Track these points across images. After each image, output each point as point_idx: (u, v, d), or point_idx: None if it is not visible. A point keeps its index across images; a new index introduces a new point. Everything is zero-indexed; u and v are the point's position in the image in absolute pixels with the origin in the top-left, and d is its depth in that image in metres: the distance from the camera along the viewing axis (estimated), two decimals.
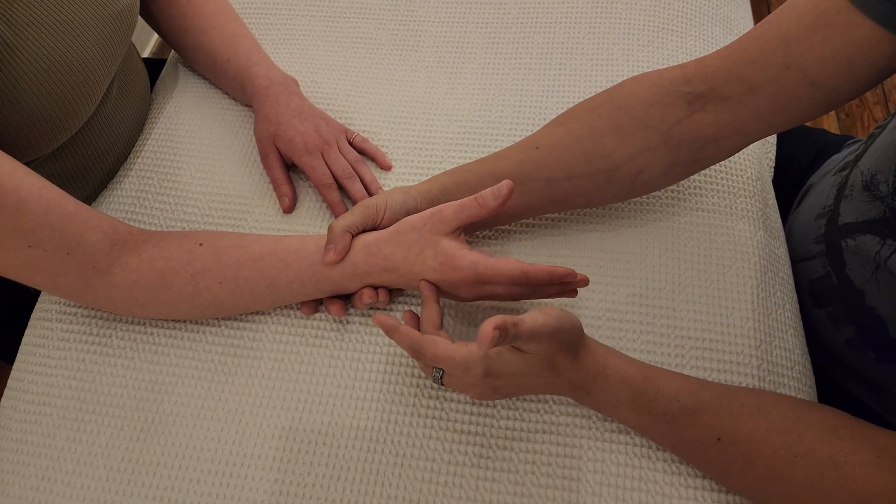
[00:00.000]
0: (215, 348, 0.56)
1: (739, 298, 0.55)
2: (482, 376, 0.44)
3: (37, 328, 0.58)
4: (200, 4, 0.70)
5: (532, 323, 0.40)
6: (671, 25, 0.73)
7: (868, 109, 1.56)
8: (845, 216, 0.55)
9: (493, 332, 0.37)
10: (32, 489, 0.51)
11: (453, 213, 0.49)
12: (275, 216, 0.62)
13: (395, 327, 0.46)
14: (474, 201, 0.49)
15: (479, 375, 0.44)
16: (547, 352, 0.43)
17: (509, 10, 0.76)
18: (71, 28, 0.52)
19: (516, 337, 0.40)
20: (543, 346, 0.42)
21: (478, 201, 0.49)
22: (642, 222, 0.60)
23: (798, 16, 0.45)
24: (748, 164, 0.64)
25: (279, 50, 0.74)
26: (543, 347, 0.42)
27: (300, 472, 0.50)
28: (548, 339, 0.42)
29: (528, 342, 0.41)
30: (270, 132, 0.63)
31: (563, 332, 0.43)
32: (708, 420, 0.44)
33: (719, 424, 0.44)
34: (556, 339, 0.42)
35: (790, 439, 0.42)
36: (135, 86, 0.69)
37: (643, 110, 0.51)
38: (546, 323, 0.41)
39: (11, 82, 0.48)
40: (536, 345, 0.42)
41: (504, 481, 0.49)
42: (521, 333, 0.40)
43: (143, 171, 0.66)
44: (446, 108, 0.69)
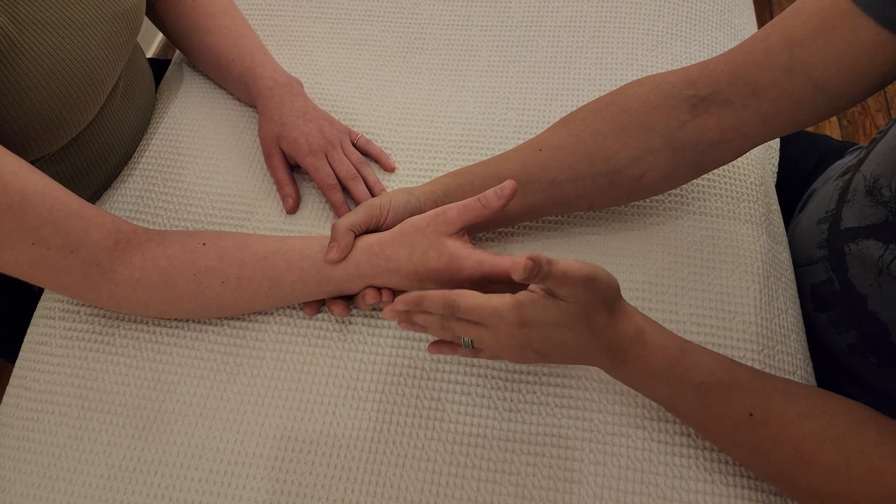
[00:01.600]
0: (218, 347, 0.56)
1: (742, 303, 0.55)
2: (516, 325, 0.43)
3: (39, 326, 0.59)
4: (206, 5, 0.70)
5: (566, 265, 0.39)
6: (675, 30, 0.73)
7: (870, 116, 1.56)
8: (847, 221, 0.55)
9: (526, 261, 0.37)
10: (34, 486, 0.51)
11: (457, 213, 0.49)
12: (278, 216, 0.63)
13: (422, 295, 0.45)
14: (477, 202, 0.49)
15: (513, 324, 0.43)
16: (582, 301, 0.41)
17: (513, 14, 0.76)
18: (77, 27, 0.53)
19: (549, 274, 0.38)
20: (578, 292, 0.41)
21: (481, 202, 0.49)
22: (645, 225, 0.60)
23: (802, 19, 0.45)
24: (751, 168, 0.64)
25: (284, 51, 0.74)
26: (578, 294, 0.41)
27: (301, 472, 0.50)
28: (582, 285, 0.40)
29: (561, 284, 0.40)
30: (274, 133, 0.63)
31: (598, 281, 0.41)
32: (741, 396, 0.44)
33: (751, 401, 0.44)
34: (590, 288, 0.41)
35: (820, 424, 0.42)
36: (140, 85, 0.69)
37: (646, 113, 0.51)
38: (581, 268, 0.40)
39: (17, 80, 0.48)
40: (571, 289, 0.40)
41: (505, 483, 0.49)
42: (555, 271, 0.38)
43: (148, 171, 0.66)
44: (450, 110, 0.69)
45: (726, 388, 0.45)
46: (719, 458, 0.50)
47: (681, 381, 0.45)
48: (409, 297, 0.45)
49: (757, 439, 0.44)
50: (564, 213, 0.60)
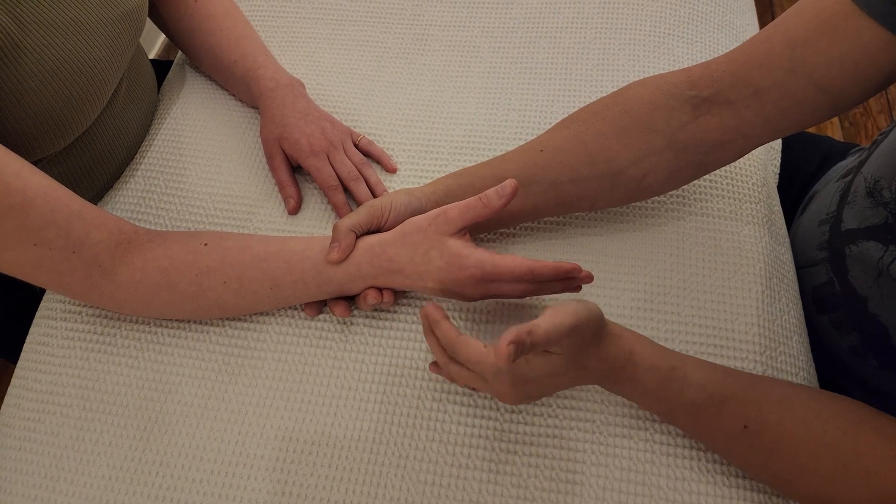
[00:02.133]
0: (219, 348, 0.56)
1: (744, 304, 0.55)
2: (511, 384, 0.43)
3: (41, 326, 0.59)
4: (208, 6, 0.70)
5: (547, 325, 0.39)
6: (677, 31, 0.73)
7: (872, 118, 1.56)
8: (848, 222, 0.55)
9: (508, 347, 0.37)
10: (35, 487, 0.51)
11: (458, 213, 0.49)
12: (280, 217, 0.63)
13: (439, 321, 0.45)
14: (479, 201, 0.49)
15: (508, 383, 0.43)
16: (571, 349, 0.42)
17: (515, 15, 0.76)
18: (80, 28, 0.53)
19: (534, 345, 0.39)
20: (566, 343, 0.41)
21: (482, 201, 0.49)
22: (647, 226, 0.60)
23: (804, 20, 0.45)
24: (753, 169, 0.64)
25: (286, 52, 0.74)
26: (566, 345, 0.42)
27: (303, 473, 0.50)
28: (568, 338, 0.41)
29: (547, 346, 0.40)
30: (276, 134, 0.63)
31: (581, 326, 0.41)
32: (734, 409, 0.44)
33: (745, 413, 0.44)
34: (576, 335, 0.41)
35: (814, 431, 0.43)
36: (142, 86, 0.69)
37: (648, 114, 0.51)
38: (562, 322, 0.40)
39: (20, 81, 0.48)
40: (559, 345, 0.41)
41: (507, 485, 0.49)
42: (538, 340, 0.39)
43: (149, 172, 0.67)
44: (452, 111, 0.70)
45: (719, 403, 0.45)
46: (721, 460, 0.49)
47: (674, 399, 0.46)
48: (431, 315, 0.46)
49: (753, 450, 0.44)
50: (566, 213, 0.60)
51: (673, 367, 0.45)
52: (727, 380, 0.46)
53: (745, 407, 0.44)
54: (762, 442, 0.44)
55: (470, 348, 0.43)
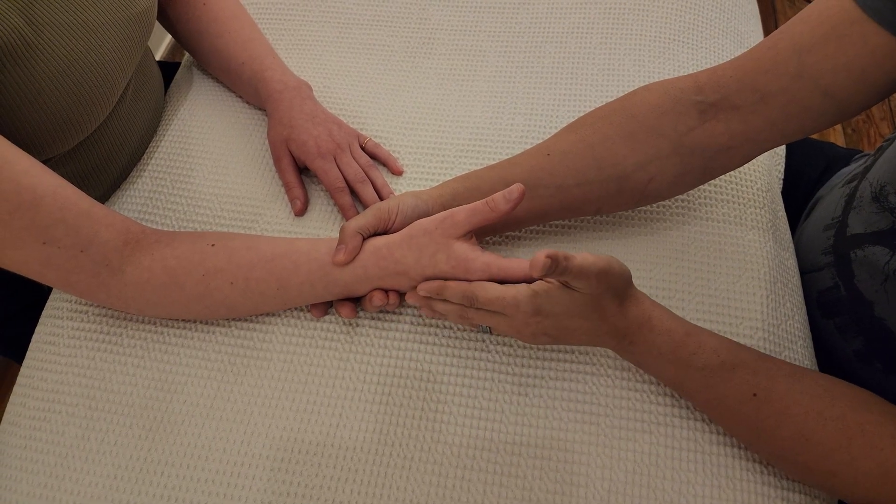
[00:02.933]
0: (225, 349, 0.56)
1: (749, 308, 0.56)
2: (531, 314, 0.45)
3: (47, 325, 0.59)
4: (216, 9, 0.70)
5: (582, 260, 0.41)
6: (682, 37, 0.73)
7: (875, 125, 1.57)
8: (854, 227, 0.55)
9: (545, 259, 0.39)
10: (40, 486, 0.51)
11: (465, 216, 0.49)
12: (286, 219, 0.63)
13: (444, 284, 0.48)
14: (486, 205, 0.49)
15: (529, 313, 0.45)
16: (595, 292, 0.44)
17: (521, 20, 0.77)
18: (91, 29, 0.53)
19: (566, 270, 0.40)
20: (592, 284, 0.43)
21: (489, 205, 0.49)
22: (652, 231, 0.60)
23: (812, 26, 0.45)
24: (758, 175, 0.64)
25: (293, 55, 0.75)
26: (592, 286, 0.43)
27: (308, 474, 0.50)
28: (596, 278, 0.42)
29: (577, 278, 0.42)
30: (284, 136, 0.63)
31: (611, 274, 0.43)
32: (745, 376, 0.46)
33: (756, 381, 0.45)
34: (604, 280, 0.43)
35: (822, 404, 0.44)
36: (149, 87, 0.69)
37: (655, 118, 0.51)
38: (595, 262, 0.42)
39: (31, 81, 0.49)
40: (585, 282, 0.43)
41: (511, 487, 0.49)
42: (572, 267, 0.41)
43: (157, 173, 0.67)
44: (458, 114, 0.70)
45: (730, 369, 0.46)
46: (726, 464, 0.49)
47: (686, 362, 0.47)
48: (431, 285, 0.49)
49: (760, 418, 0.45)
50: (572, 217, 0.60)
51: (688, 333, 0.47)
52: (740, 350, 0.47)
53: (756, 375, 0.46)
54: (770, 410, 0.45)
55: (488, 289, 0.46)
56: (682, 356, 0.47)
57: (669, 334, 0.47)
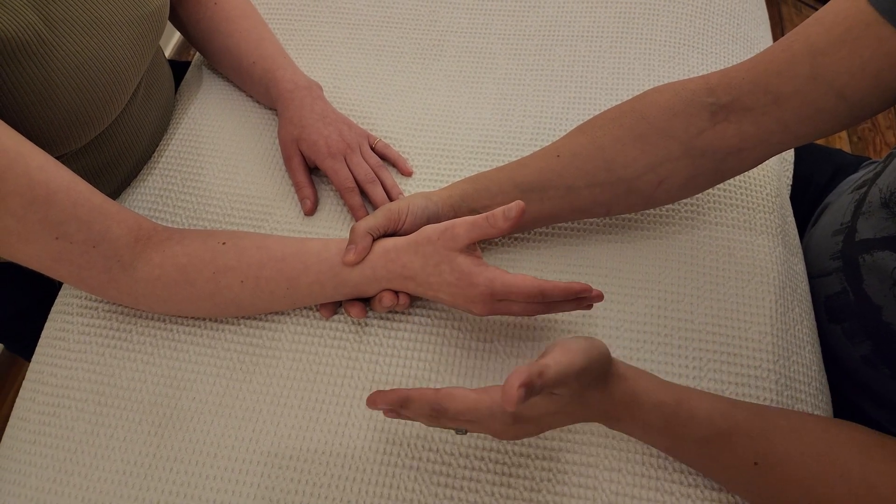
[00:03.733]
0: (234, 346, 0.56)
1: (758, 313, 0.56)
2: (511, 423, 0.42)
3: (57, 321, 0.59)
4: (227, 9, 0.71)
5: (557, 366, 0.37)
6: (692, 42, 0.74)
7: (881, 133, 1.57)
8: (863, 232, 0.56)
9: (518, 391, 0.35)
10: (49, 481, 0.51)
11: (465, 231, 0.49)
12: (296, 218, 0.63)
13: (406, 397, 0.43)
14: (485, 220, 0.48)
15: (508, 423, 0.42)
16: (576, 389, 0.41)
17: (531, 23, 0.77)
18: (105, 27, 0.53)
19: (543, 387, 0.37)
20: (572, 384, 0.39)
21: (489, 221, 0.48)
22: (662, 234, 0.60)
23: (826, 28, 0.45)
24: (767, 180, 0.64)
25: (303, 55, 0.75)
26: (573, 387, 0.40)
27: (316, 472, 0.51)
28: (576, 380, 0.39)
29: (556, 387, 0.38)
30: (294, 135, 0.63)
31: (591, 368, 0.40)
32: (743, 443, 0.44)
33: (754, 447, 0.43)
34: (584, 376, 0.40)
35: (826, 462, 0.42)
36: (160, 86, 0.70)
37: (666, 120, 0.51)
38: (572, 363, 0.38)
39: (46, 78, 0.49)
40: (565, 387, 0.39)
41: (520, 488, 0.49)
42: (548, 382, 0.37)
43: (167, 171, 0.67)
44: (467, 116, 0.70)
45: (727, 437, 0.44)
46: None
47: (680, 436, 0.45)
48: (392, 396, 0.43)
49: (765, 484, 0.44)
50: (581, 219, 0.60)
51: (678, 402, 0.44)
52: (734, 411, 0.45)
53: (754, 441, 0.43)
54: (773, 476, 0.43)
55: (458, 400, 0.42)
56: (674, 429, 0.44)
57: (659, 409, 0.44)
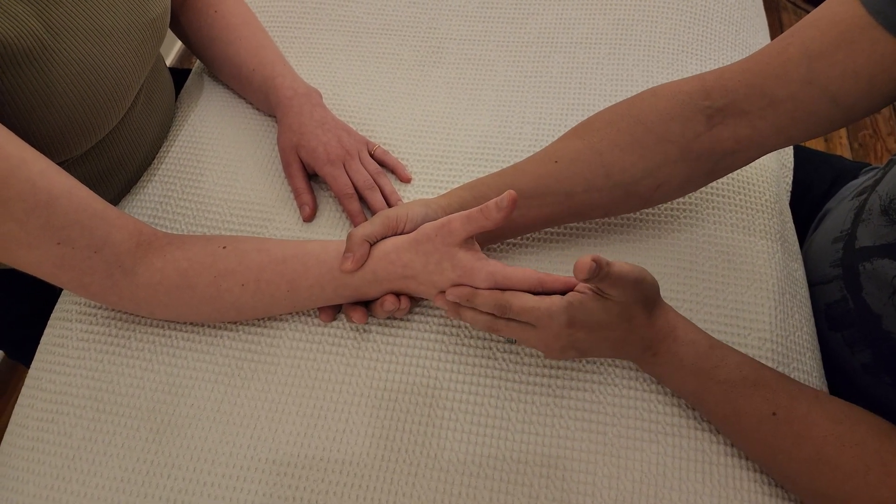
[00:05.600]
0: (233, 353, 0.56)
1: (758, 319, 0.55)
2: (565, 325, 0.45)
3: (56, 328, 0.59)
4: (228, 16, 0.71)
5: (620, 267, 0.43)
6: (690, 48, 0.74)
7: (882, 140, 1.57)
8: (862, 240, 0.55)
9: (590, 262, 0.40)
10: (47, 488, 0.51)
11: (461, 224, 0.49)
12: (295, 224, 0.63)
13: (475, 292, 0.48)
14: (480, 213, 0.49)
15: (563, 324, 0.45)
16: (628, 301, 0.45)
17: (530, 30, 0.77)
18: (106, 34, 0.54)
19: (608, 275, 0.42)
20: (627, 293, 0.44)
21: (483, 213, 0.49)
22: (661, 240, 0.60)
23: (821, 32, 0.45)
24: (766, 186, 0.64)
25: (302, 63, 0.75)
26: (626, 294, 0.44)
27: (314, 479, 0.50)
28: (632, 287, 0.44)
29: (614, 285, 0.43)
30: (293, 142, 0.64)
31: (645, 283, 0.45)
32: (766, 394, 0.46)
33: (776, 400, 0.45)
34: (638, 289, 0.44)
35: (842, 428, 0.43)
36: (161, 93, 0.70)
37: (663, 125, 0.52)
38: (631, 271, 0.43)
39: (48, 84, 0.49)
40: (621, 290, 0.44)
41: (518, 494, 0.49)
42: (613, 273, 0.42)
43: (167, 177, 0.67)
44: (466, 123, 0.70)
45: (752, 385, 0.46)
46: (733, 475, 0.49)
47: (708, 375, 0.47)
48: (461, 291, 0.49)
49: (778, 437, 0.45)
50: (579, 221, 0.60)
51: (711, 346, 0.48)
52: (762, 368, 0.47)
53: (777, 394, 0.45)
54: (789, 430, 0.44)
55: (523, 298, 0.46)
56: (704, 368, 0.47)
57: (693, 345, 0.47)
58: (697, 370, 0.47)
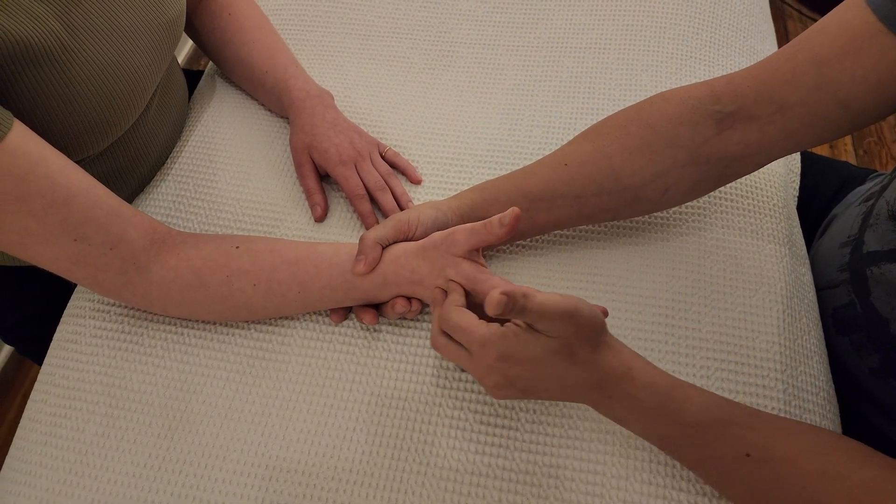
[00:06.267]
0: (244, 351, 0.56)
1: (766, 322, 0.56)
2: (497, 359, 0.43)
3: (70, 324, 0.60)
4: (241, 19, 0.72)
5: (544, 298, 0.39)
6: (698, 55, 0.74)
7: (886, 147, 1.57)
8: (870, 245, 0.56)
9: (499, 296, 0.37)
10: (59, 482, 0.52)
11: (464, 237, 0.50)
12: (306, 224, 0.64)
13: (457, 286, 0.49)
14: (484, 227, 0.49)
15: (494, 357, 0.43)
16: (563, 336, 0.41)
17: (540, 35, 0.78)
18: (124, 34, 0.54)
19: (525, 309, 0.38)
20: (558, 326, 0.40)
21: (486, 227, 0.49)
22: (670, 243, 0.61)
23: (830, 38, 0.46)
24: (774, 190, 0.64)
25: (314, 65, 0.76)
26: (559, 328, 0.41)
27: (324, 477, 0.51)
28: (561, 320, 0.40)
29: (539, 319, 0.40)
30: (306, 143, 0.64)
31: (579, 316, 0.40)
32: (738, 434, 0.43)
33: (750, 439, 0.42)
34: (571, 323, 0.40)
35: (824, 462, 0.41)
36: (174, 93, 0.71)
37: (672, 129, 0.52)
38: (559, 302, 0.40)
39: (67, 83, 0.50)
40: (550, 324, 0.40)
41: (527, 494, 0.49)
42: (532, 306, 0.39)
43: (180, 177, 0.68)
44: (476, 126, 0.71)
45: (722, 425, 0.43)
46: None
47: (673, 419, 0.44)
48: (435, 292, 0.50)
49: (757, 480, 0.42)
50: (587, 224, 0.61)
51: (672, 386, 0.44)
52: (730, 405, 0.44)
53: (750, 433, 0.43)
54: (766, 472, 0.42)
55: (462, 316, 0.44)
56: (668, 411, 0.43)
57: (653, 387, 0.43)
58: (661, 413, 0.43)
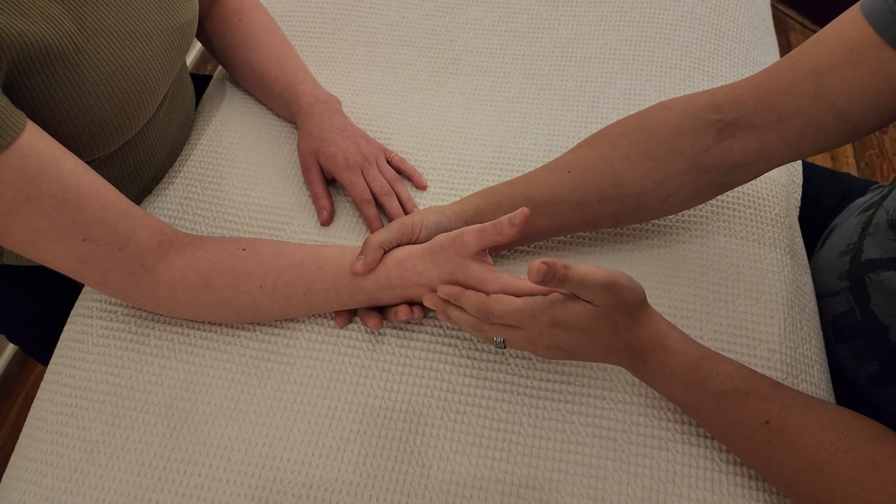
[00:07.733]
0: (250, 352, 0.57)
1: (767, 331, 0.56)
2: (547, 325, 0.46)
3: (76, 324, 0.60)
4: (251, 24, 0.73)
5: (585, 271, 0.42)
6: (702, 65, 0.75)
7: (888, 159, 1.58)
8: (869, 253, 0.56)
9: (539, 265, 0.40)
10: (65, 480, 0.52)
11: (473, 238, 0.51)
12: (312, 228, 0.64)
13: (463, 291, 0.50)
14: (493, 227, 0.50)
15: (545, 324, 0.46)
16: (606, 305, 0.44)
17: (545, 44, 0.79)
18: (137, 37, 0.55)
19: (565, 279, 0.42)
20: (600, 296, 0.43)
21: (496, 228, 0.50)
22: (670, 249, 0.61)
23: (829, 50, 0.47)
24: (776, 198, 0.65)
25: (323, 71, 0.77)
26: (601, 298, 0.44)
27: (327, 478, 0.51)
28: (602, 290, 0.43)
29: (580, 288, 0.43)
30: (313, 147, 0.65)
31: (619, 287, 0.43)
32: (758, 404, 0.46)
33: (769, 409, 0.45)
34: (612, 293, 0.43)
35: (835, 435, 0.44)
36: (183, 97, 0.71)
37: (674, 137, 0.53)
38: (600, 274, 0.43)
39: (80, 85, 0.51)
40: (591, 293, 0.43)
41: (530, 499, 0.50)
42: (571, 276, 0.42)
43: (188, 180, 0.69)
44: (481, 133, 0.72)
45: (744, 395, 0.46)
46: (743, 483, 0.50)
47: (700, 386, 0.47)
48: (451, 289, 0.50)
49: (772, 446, 0.45)
50: (589, 230, 0.61)
51: (702, 356, 0.47)
52: (754, 376, 0.47)
53: (769, 403, 0.46)
54: (782, 439, 0.45)
55: (505, 301, 0.47)
56: (695, 379, 0.47)
57: (684, 356, 0.47)
58: (688, 381, 0.47)
